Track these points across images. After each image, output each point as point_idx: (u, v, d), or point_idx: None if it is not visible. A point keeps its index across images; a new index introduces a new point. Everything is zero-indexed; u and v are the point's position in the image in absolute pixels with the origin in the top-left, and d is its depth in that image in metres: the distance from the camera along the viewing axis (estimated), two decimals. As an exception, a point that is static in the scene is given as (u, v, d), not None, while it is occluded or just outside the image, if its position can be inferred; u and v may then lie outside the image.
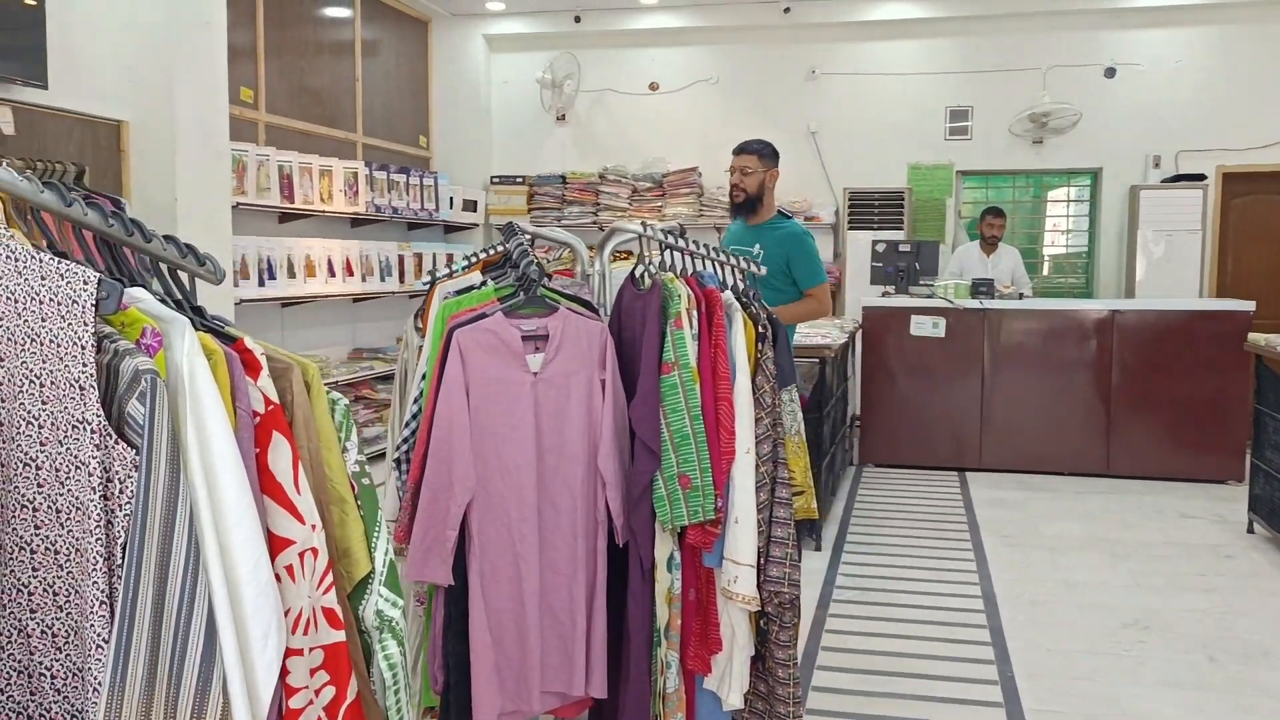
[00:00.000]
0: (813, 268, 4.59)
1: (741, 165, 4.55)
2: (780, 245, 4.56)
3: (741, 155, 4.57)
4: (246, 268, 6.22)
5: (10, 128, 4.74)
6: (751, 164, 4.57)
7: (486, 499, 2.49)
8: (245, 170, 6.18)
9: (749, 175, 4.55)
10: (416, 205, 8.05)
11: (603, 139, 9.22)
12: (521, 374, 2.51)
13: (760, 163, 4.60)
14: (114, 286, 1.17)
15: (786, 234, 4.58)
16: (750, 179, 4.55)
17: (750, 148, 4.59)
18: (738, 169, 4.56)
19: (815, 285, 4.59)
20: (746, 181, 4.55)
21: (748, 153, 4.56)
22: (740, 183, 4.56)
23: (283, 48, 7.14)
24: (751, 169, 4.56)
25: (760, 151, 4.62)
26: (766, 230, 4.61)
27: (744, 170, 4.54)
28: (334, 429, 1.41)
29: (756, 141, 4.67)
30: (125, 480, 1.16)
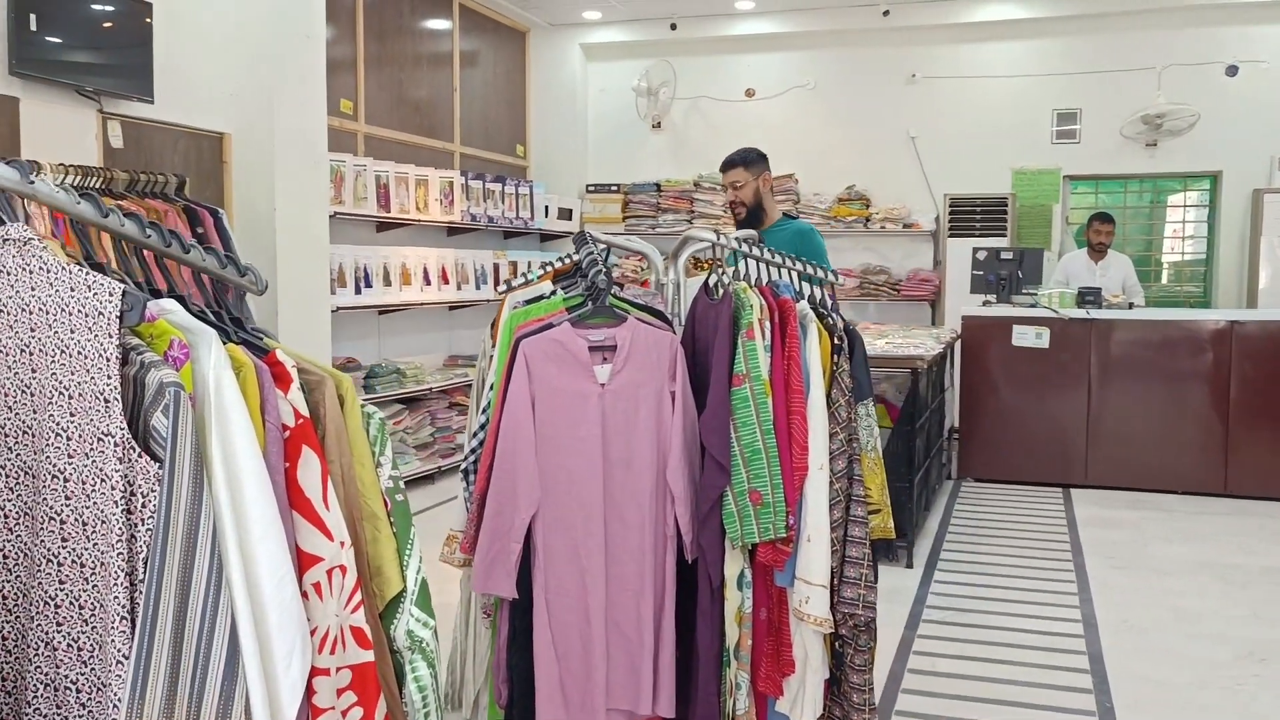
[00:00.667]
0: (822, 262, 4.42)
1: (731, 181, 4.33)
2: (788, 245, 4.39)
3: (728, 171, 4.35)
4: (344, 276, 6.34)
5: (119, 141, 4.91)
6: (740, 177, 4.31)
7: (552, 512, 2.45)
8: (343, 180, 6.30)
9: (741, 188, 4.32)
10: (512, 214, 8.12)
11: (698, 146, 9.16)
12: (588, 385, 2.47)
13: (748, 172, 4.31)
14: (137, 298, 1.16)
15: (794, 233, 4.39)
16: (744, 191, 4.32)
17: (733, 161, 4.36)
18: (729, 186, 4.35)
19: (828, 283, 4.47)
20: (741, 194, 4.32)
21: (733, 167, 4.34)
22: (735, 198, 4.34)
23: (382, 60, 7.28)
24: (741, 182, 4.30)
25: (745, 161, 4.34)
26: (773, 235, 4.38)
27: (735, 185, 4.32)
28: (368, 444, 1.39)
29: (738, 153, 4.40)
30: (148, 494, 1.15)
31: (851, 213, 8.59)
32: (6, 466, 1.21)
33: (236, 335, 1.35)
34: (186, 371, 1.19)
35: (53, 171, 4.11)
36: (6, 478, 1.21)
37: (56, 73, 4.50)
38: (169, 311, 1.23)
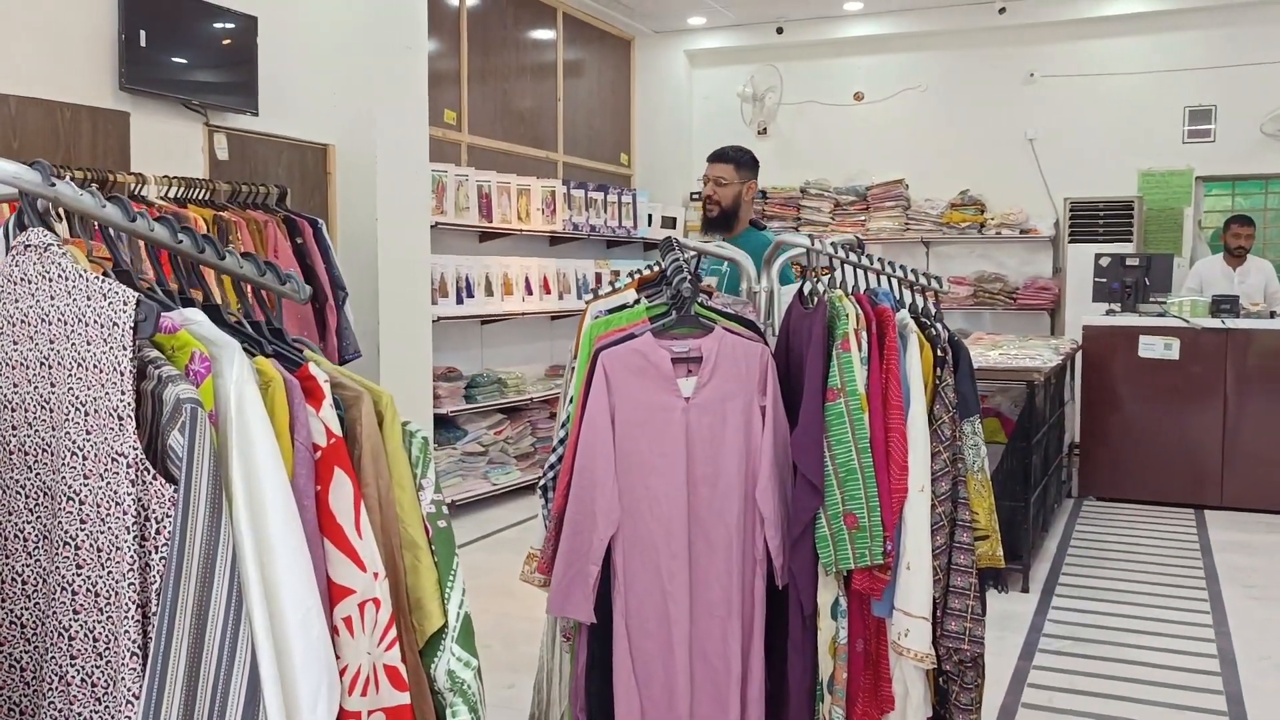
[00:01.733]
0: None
1: (716, 175, 3.87)
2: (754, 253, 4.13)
3: (716, 164, 3.89)
4: (445, 286, 6.35)
5: (225, 153, 4.99)
6: (727, 174, 3.85)
7: (633, 532, 2.33)
8: (444, 190, 6.32)
9: (724, 186, 3.85)
10: (615, 223, 8.05)
11: (804, 152, 8.96)
12: (672, 398, 2.33)
13: (737, 173, 3.87)
14: (151, 308, 1.08)
15: (759, 244, 4.15)
16: (725, 190, 3.85)
17: (726, 155, 3.91)
18: (711, 179, 3.88)
19: None
20: (721, 193, 3.85)
21: (723, 161, 3.88)
22: (714, 194, 3.86)
23: (486, 70, 7.29)
24: (726, 179, 3.84)
25: (738, 160, 3.90)
26: (739, 243, 4.16)
27: (718, 180, 3.85)
28: (408, 465, 1.28)
29: (734, 149, 3.97)
30: (162, 520, 1.06)
31: (965, 219, 8.27)
32: (26, 486, 1.14)
33: (270, 347, 1.26)
34: (208, 387, 1.10)
35: (156, 183, 4.18)
36: (26, 498, 1.14)
37: (165, 87, 4.58)
38: (192, 322, 1.15)
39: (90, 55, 4.33)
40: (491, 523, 6.05)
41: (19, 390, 1.14)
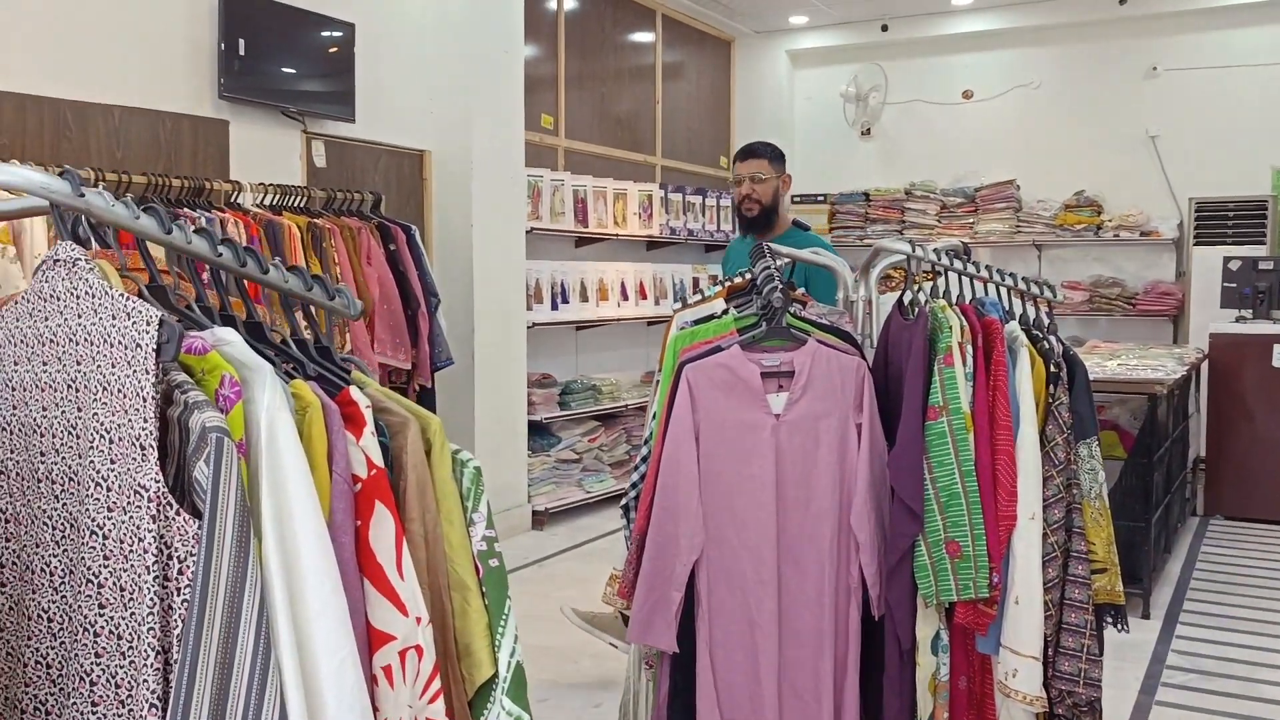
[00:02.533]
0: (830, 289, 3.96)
1: (752, 172, 3.75)
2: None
3: (749, 160, 3.78)
4: (540, 291, 6.30)
5: (322, 160, 5.02)
6: (764, 169, 3.74)
7: (718, 557, 2.20)
8: (540, 195, 6.27)
9: (762, 183, 3.73)
10: (713, 227, 7.92)
11: (910, 153, 8.68)
12: (761, 415, 2.20)
13: (772, 167, 3.76)
14: (174, 329, 1.00)
15: (809, 242, 3.77)
16: (764, 187, 3.74)
17: (759, 151, 3.81)
18: (747, 177, 3.75)
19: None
20: (760, 190, 3.73)
21: (757, 157, 3.78)
22: (753, 192, 3.74)
23: (583, 74, 7.24)
24: (765, 175, 3.73)
25: (771, 154, 3.80)
26: (782, 242, 3.73)
27: (755, 178, 3.74)
28: (458, 498, 1.18)
29: (762, 144, 3.87)
30: (186, 558, 0.98)
31: (1080, 220, 7.89)
32: (54, 518, 1.07)
33: (314, 368, 1.17)
34: (238, 413, 1.02)
35: (252, 191, 4.21)
36: (53, 529, 1.07)
37: (263, 96, 4.62)
38: (225, 342, 1.07)
39: (191, 65, 4.38)
40: (585, 531, 5.98)
41: (48, 415, 1.07)
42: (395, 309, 4.41)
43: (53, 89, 3.89)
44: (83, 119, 3.99)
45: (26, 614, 1.08)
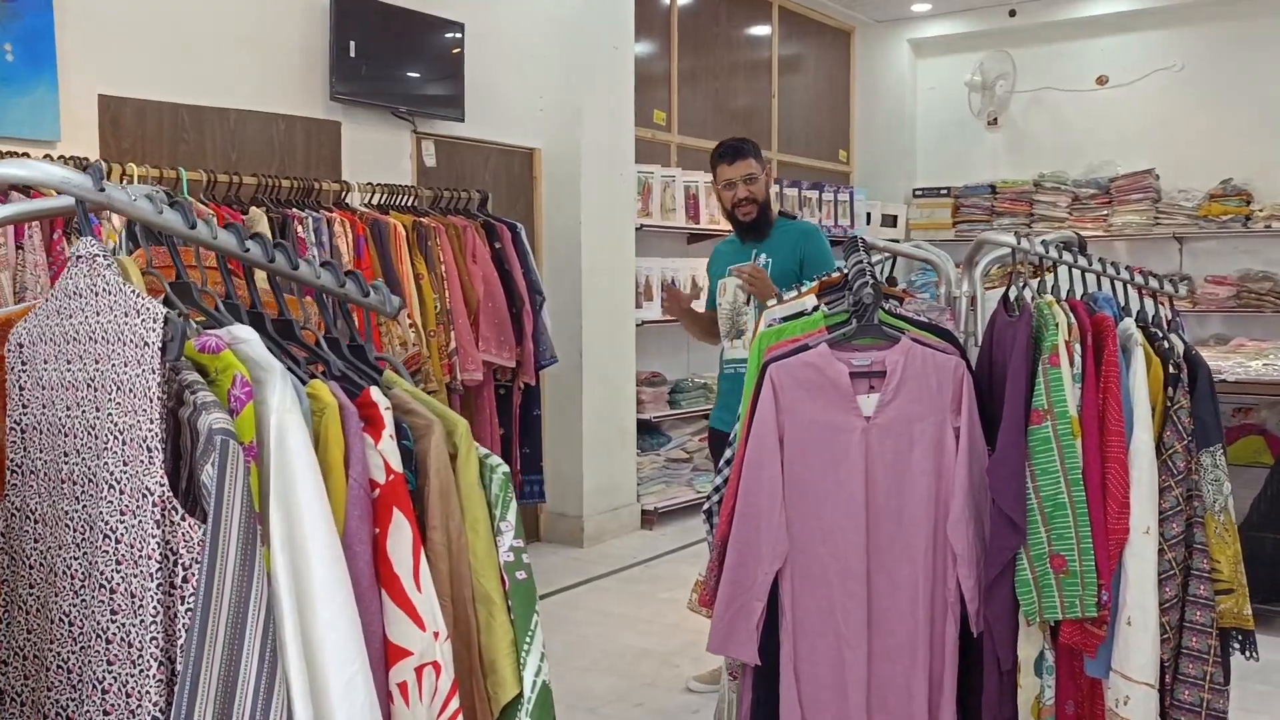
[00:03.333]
0: (829, 267, 3.45)
1: (744, 174, 3.49)
2: (792, 245, 3.50)
3: (739, 162, 3.51)
4: (650, 289, 6.25)
5: (432, 160, 5.07)
6: (754, 169, 3.51)
7: (803, 567, 2.09)
8: (650, 191, 6.22)
9: (755, 183, 3.51)
10: (830, 221, 7.73)
11: (1039, 143, 8.31)
12: (850, 418, 2.09)
13: (758, 163, 3.54)
14: (178, 327, 0.96)
15: (800, 231, 3.56)
16: (758, 186, 3.51)
17: (745, 150, 3.54)
18: (739, 180, 3.50)
19: None
20: (755, 190, 3.51)
21: (744, 156, 3.52)
22: (750, 193, 3.50)
23: (697, 69, 7.15)
24: (756, 174, 3.50)
25: (755, 151, 3.57)
26: (771, 236, 3.58)
27: (748, 179, 3.49)
28: (485, 505, 1.12)
29: (742, 141, 3.61)
30: (191, 565, 0.94)
31: (1227, 210, 7.41)
32: (74, 520, 1.06)
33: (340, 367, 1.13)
34: (249, 415, 0.98)
35: (360, 191, 4.26)
36: (74, 532, 1.05)
37: (374, 97, 4.69)
38: (240, 341, 1.03)
39: (303, 68, 4.47)
40: (694, 532, 5.89)
41: (70, 414, 1.06)
42: (500, 306, 4.41)
43: (171, 94, 4.01)
44: (199, 122, 4.11)
45: (50, 617, 1.06)
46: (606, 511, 5.75)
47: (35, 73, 3.60)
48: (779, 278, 3.29)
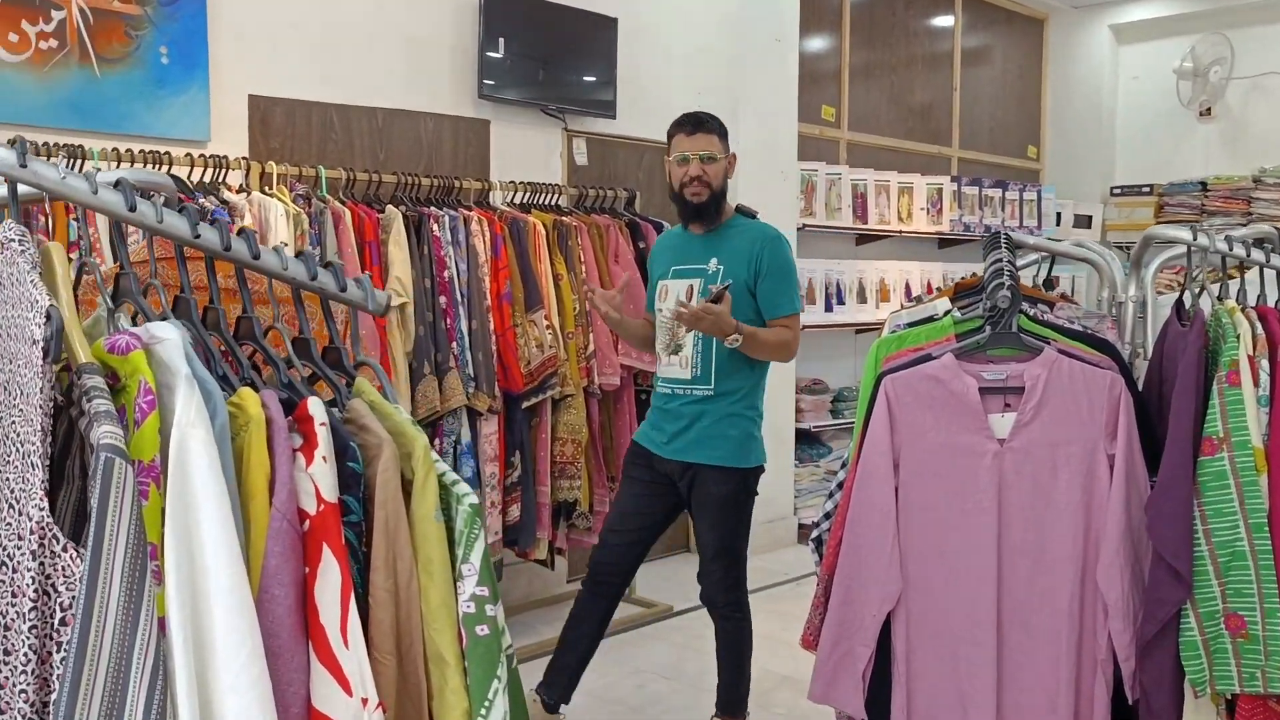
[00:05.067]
0: (789, 286, 3.03)
1: (702, 150, 3.02)
2: (749, 249, 3.00)
3: (699, 134, 3.03)
4: (813, 292, 5.96)
5: (583, 158, 4.96)
6: (715, 148, 3.04)
7: (921, 611, 1.82)
8: (814, 190, 5.93)
9: (714, 163, 3.03)
10: (1015, 222, 7.22)
11: (1260, 135, 7.51)
12: (979, 439, 1.80)
13: (721, 144, 3.07)
14: (57, 321, 0.82)
15: (761, 234, 3.05)
16: (715, 168, 3.03)
17: (708, 124, 3.06)
18: (696, 155, 3.02)
19: (791, 313, 3.02)
20: (711, 172, 3.02)
21: (707, 131, 3.04)
22: (703, 174, 3.01)
23: (871, 63, 6.80)
24: (716, 156, 3.04)
25: (720, 130, 3.09)
26: (725, 236, 3.08)
27: (706, 158, 3.02)
28: (443, 544, 0.93)
29: (710, 115, 3.11)
30: (70, 607, 0.80)
31: None
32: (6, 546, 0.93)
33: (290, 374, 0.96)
34: (150, 428, 0.83)
35: (501, 189, 4.18)
36: None
37: (523, 94, 4.61)
38: (158, 340, 0.88)
39: (452, 66, 4.44)
40: (853, 549, 5.57)
41: None
42: (642, 309, 4.24)
43: (319, 94, 4.04)
44: (347, 122, 4.12)
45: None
46: (760, 524, 5.47)
47: (188, 74, 3.68)
48: (733, 280, 2.94)
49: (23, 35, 3.34)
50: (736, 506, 3.04)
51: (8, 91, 3.32)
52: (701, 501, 3.02)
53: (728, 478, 2.99)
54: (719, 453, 2.98)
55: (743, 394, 3.01)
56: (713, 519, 3.02)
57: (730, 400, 2.99)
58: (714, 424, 2.98)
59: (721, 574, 3.06)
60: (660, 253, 3.27)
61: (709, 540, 3.05)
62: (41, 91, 3.38)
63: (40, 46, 3.37)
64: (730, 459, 2.98)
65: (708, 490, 3.00)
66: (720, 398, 2.98)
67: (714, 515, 3.02)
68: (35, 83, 3.36)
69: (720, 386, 2.98)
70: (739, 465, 3.00)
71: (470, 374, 3.70)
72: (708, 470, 2.99)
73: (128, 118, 3.54)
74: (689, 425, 3.00)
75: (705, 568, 3.10)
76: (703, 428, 2.98)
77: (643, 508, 3.13)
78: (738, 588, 3.10)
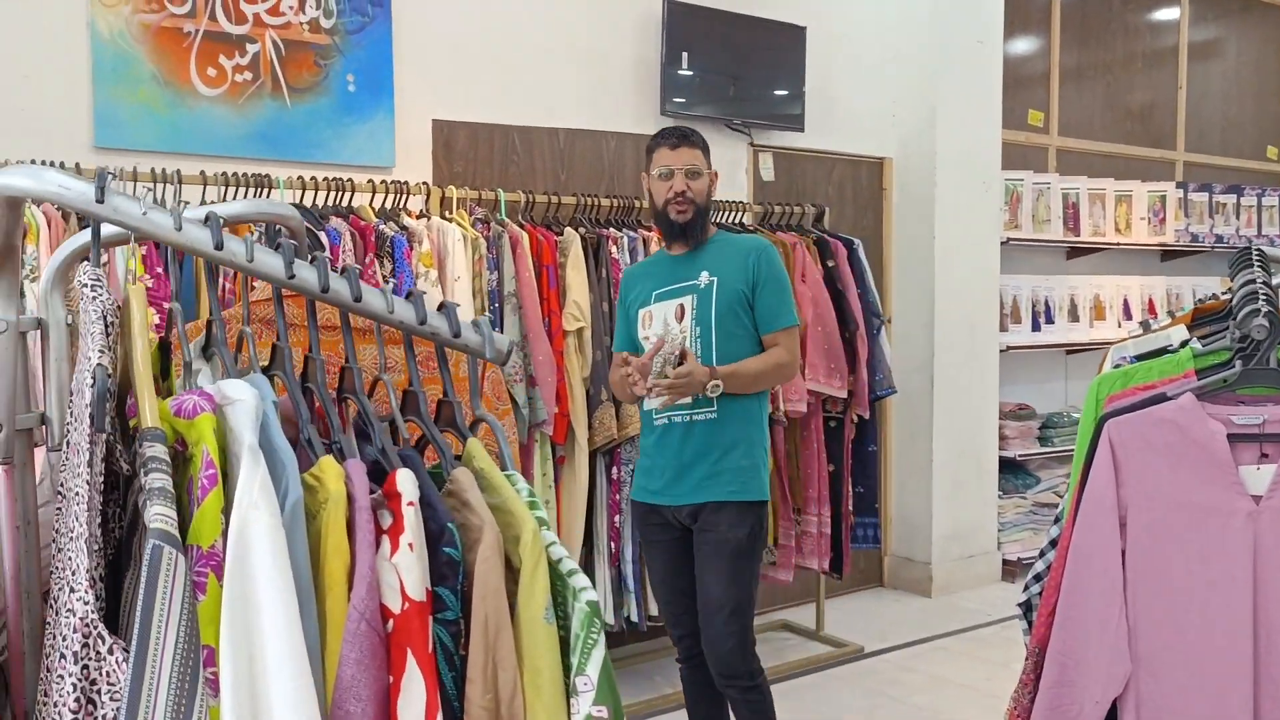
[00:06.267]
0: (786, 297, 2.81)
1: (687, 164, 2.77)
2: (742, 262, 2.77)
3: (683, 148, 2.78)
4: (1017, 310, 5.55)
5: (770, 173, 4.77)
6: (699, 162, 2.79)
7: (1155, 699, 1.54)
8: (1019, 201, 5.53)
9: (698, 179, 2.79)
10: (1251, 230, 6.54)
11: None
12: (1229, 497, 1.51)
13: (706, 160, 2.83)
14: (103, 384, 0.70)
15: (752, 246, 2.81)
16: (700, 184, 2.79)
17: (693, 137, 2.82)
18: (681, 170, 2.76)
19: (788, 326, 2.78)
20: (696, 188, 2.78)
21: (692, 145, 2.80)
22: (688, 190, 2.76)
23: (1083, 64, 6.32)
24: (700, 170, 2.79)
25: (704, 144, 2.83)
26: (711, 251, 2.82)
27: (691, 173, 2.77)
28: (555, 650, 0.77)
29: (690, 129, 2.85)
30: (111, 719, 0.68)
31: None
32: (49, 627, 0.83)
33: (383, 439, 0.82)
34: (211, 507, 0.70)
35: (682, 208, 4.04)
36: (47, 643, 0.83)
37: (707, 109, 4.48)
38: (230, 402, 0.75)
39: (634, 83, 4.34)
40: (1064, 590, 5.13)
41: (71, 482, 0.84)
42: (831, 331, 4.02)
43: (501, 116, 4.02)
44: (529, 143, 4.09)
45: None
46: (959, 559, 5.14)
47: (374, 101, 3.72)
48: (725, 301, 2.71)
49: (220, 70, 3.44)
50: (751, 553, 2.68)
51: (206, 124, 3.42)
52: (713, 549, 2.65)
53: (743, 518, 2.65)
54: (730, 487, 2.65)
55: (750, 415, 2.72)
56: (727, 570, 2.64)
57: (736, 424, 2.68)
58: (721, 456, 2.66)
59: (738, 638, 2.64)
60: (635, 280, 2.96)
61: (721, 597, 2.63)
62: (236, 123, 3.47)
63: (236, 79, 3.46)
64: (744, 492, 2.65)
65: (721, 535, 2.64)
66: (725, 422, 2.67)
67: (729, 565, 2.64)
68: (231, 115, 3.46)
69: (725, 408, 2.67)
70: (754, 499, 2.68)
71: (650, 400, 3.57)
72: (719, 510, 2.64)
73: (316, 146, 3.61)
74: (692, 461, 2.67)
75: (717, 631, 2.65)
76: (709, 461, 2.65)
77: (679, 568, 2.76)
78: (754, 654, 2.70)
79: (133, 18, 3.29)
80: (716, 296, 2.72)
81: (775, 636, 4.52)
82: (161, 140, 3.34)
